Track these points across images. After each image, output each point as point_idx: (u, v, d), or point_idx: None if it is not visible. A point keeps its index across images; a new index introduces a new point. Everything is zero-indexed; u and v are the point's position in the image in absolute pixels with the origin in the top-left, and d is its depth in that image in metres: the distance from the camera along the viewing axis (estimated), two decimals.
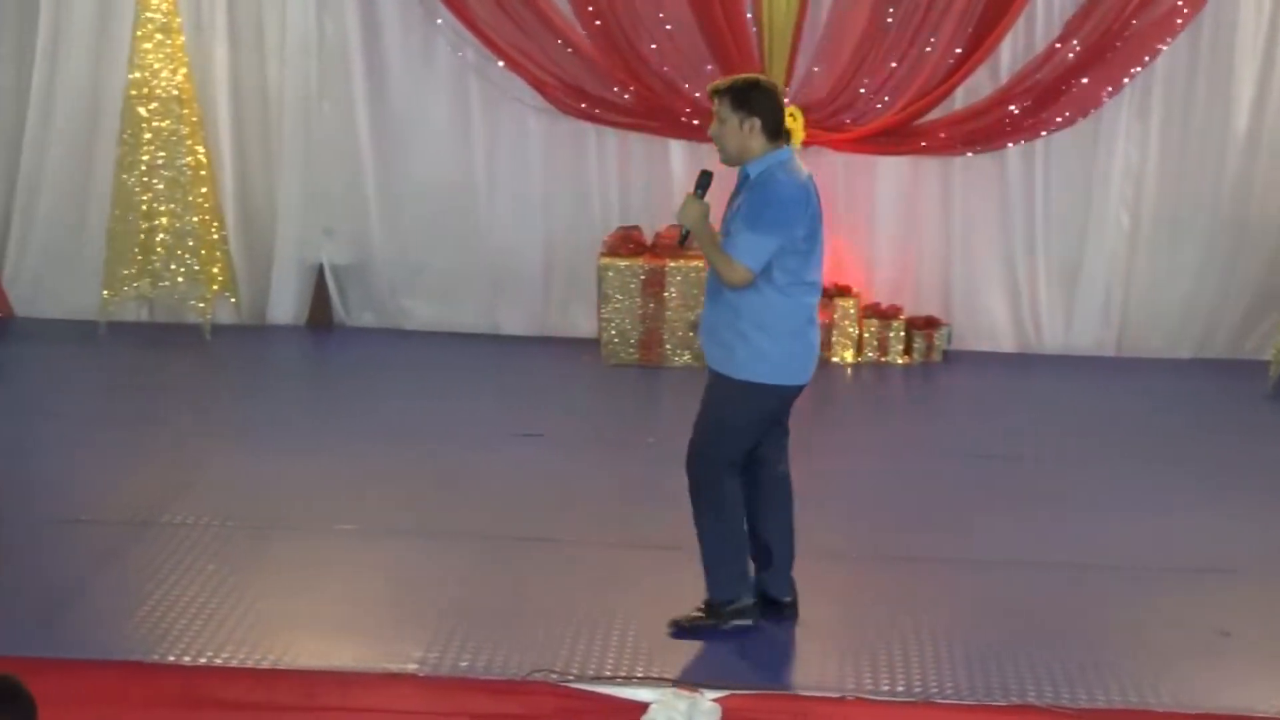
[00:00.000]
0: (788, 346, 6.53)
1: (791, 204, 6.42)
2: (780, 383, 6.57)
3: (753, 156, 6.51)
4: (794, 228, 6.42)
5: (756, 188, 6.46)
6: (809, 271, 6.52)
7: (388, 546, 7.42)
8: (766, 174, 6.47)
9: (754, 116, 6.49)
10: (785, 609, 6.84)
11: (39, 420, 8.90)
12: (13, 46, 10.81)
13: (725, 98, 6.51)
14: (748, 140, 6.50)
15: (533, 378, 10.11)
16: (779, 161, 6.50)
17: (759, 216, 6.40)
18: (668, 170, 10.71)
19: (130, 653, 6.39)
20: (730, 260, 6.42)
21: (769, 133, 6.50)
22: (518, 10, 10.45)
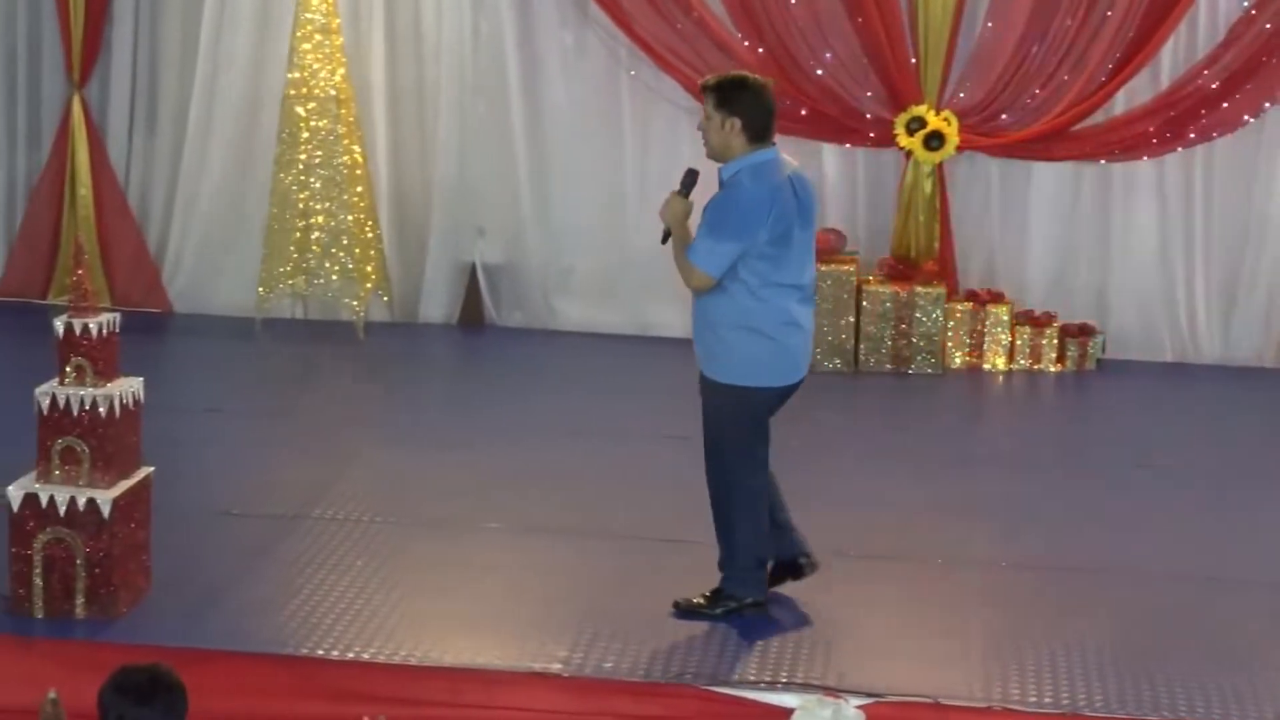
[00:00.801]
0: (763, 348, 6.55)
1: (751, 210, 6.41)
2: (759, 385, 6.60)
3: (733, 156, 6.52)
4: (754, 233, 6.41)
5: (722, 192, 6.49)
6: (782, 273, 6.50)
7: (534, 545, 7.45)
8: (734, 179, 6.49)
9: (735, 116, 6.50)
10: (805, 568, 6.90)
11: (195, 415, 9.03)
12: (176, 48, 10.98)
13: (711, 95, 6.54)
14: (729, 139, 6.52)
15: (681, 379, 10.04)
16: (753, 164, 6.49)
17: (719, 222, 6.43)
18: (820, 174, 10.65)
19: (280, 646, 6.47)
20: (690, 265, 6.48)
21: (751, 133, 6.50)
22: (671, 11, 10.44)
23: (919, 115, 10.32)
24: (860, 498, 8.20)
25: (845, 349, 10.24)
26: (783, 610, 6.88)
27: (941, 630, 6.78)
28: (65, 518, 6.57)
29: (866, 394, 9.97)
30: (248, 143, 10.90)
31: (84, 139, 10.90)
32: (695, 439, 8.92)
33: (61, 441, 6.59)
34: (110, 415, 6.59)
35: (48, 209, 11.04)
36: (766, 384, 6.62)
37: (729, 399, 6.64)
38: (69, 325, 6.62)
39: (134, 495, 6.75)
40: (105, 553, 6.59)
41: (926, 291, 10.23)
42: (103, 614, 6.61)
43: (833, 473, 8.58)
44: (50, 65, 10.99)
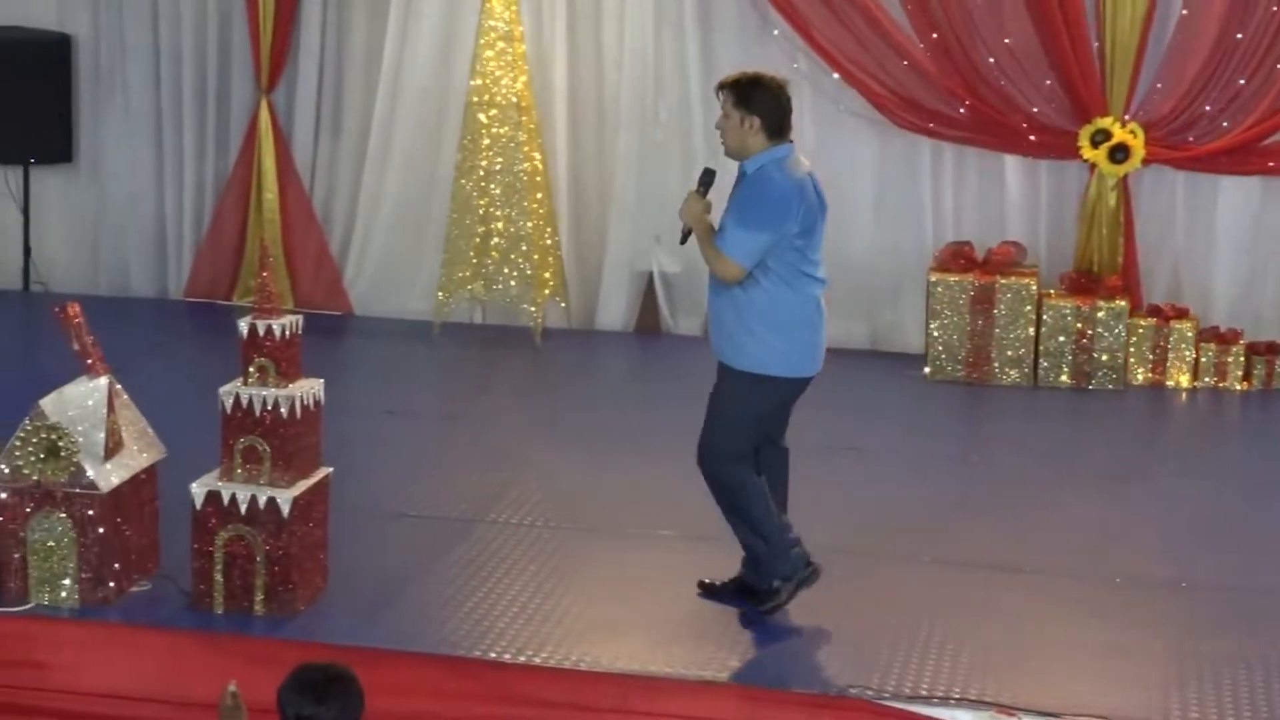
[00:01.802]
0: (794, 338, 6.60)
1: (783, 201, 6.50)
2: (788, 374, 6.65)
3: (752, 153, 6.58)
4: (785, 224, 6.50)
5: (749, 184, 6.55)
6: (809, 265, 6.58)
7: (706, 553, 7.43)
8: (761, 171, 6.55)
9: (754, 115, 6.56)
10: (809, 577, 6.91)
11: (373, 417, 9.14)
12: (360, 54, 11.12)
13: (729, 94, 6.59)
14: (747, 138, 6.58)
15: (856, 391, 10.03)
16: (775, 159, 6.57)
17: (750, 213, 6.49)
18: (1002, 186, 10.54)
19: (452, 648, 6.53)
20: (720, 255, 6.51)
21: (769, 131, 6.58)
22: (854, 22, 10.39)
23: (1104, 128, 10.17)
24: (1036, 513, 8.10)
25: (1024, 363, 10.12)
26: (955, 624, 6.81)
27: (1118, 650, 6.68)
28: (246, 516, 6.68)
29: (1045, 409, 9.84)
30: (430, 148, 11.02)
31: (270, 143, 11.08)
32: (868, 451, 8.92)
33: (244, 440, 6.71)
34: (291, 415, 6.69)
35: (234, 212, 11.24)
36: (796, 373, 6.72)
37: (756, 388, 6.69)
38: (253, 326, 6.73)
39: (313, 495, 6.85)
40: (284, 551, 6.69)
41: (1109, 306, 10.08)
42: (281, 611, 6.71)
43: (1009, 487, 8.49)
44: (239, 71, 11.18)
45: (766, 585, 6.82)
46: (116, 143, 11.43)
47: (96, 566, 6.73)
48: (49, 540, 6.72)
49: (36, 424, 6.66)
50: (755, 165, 6.61)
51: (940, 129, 10.45)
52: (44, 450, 6.64)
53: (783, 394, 6.76)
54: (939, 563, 7.46)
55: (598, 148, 11.01)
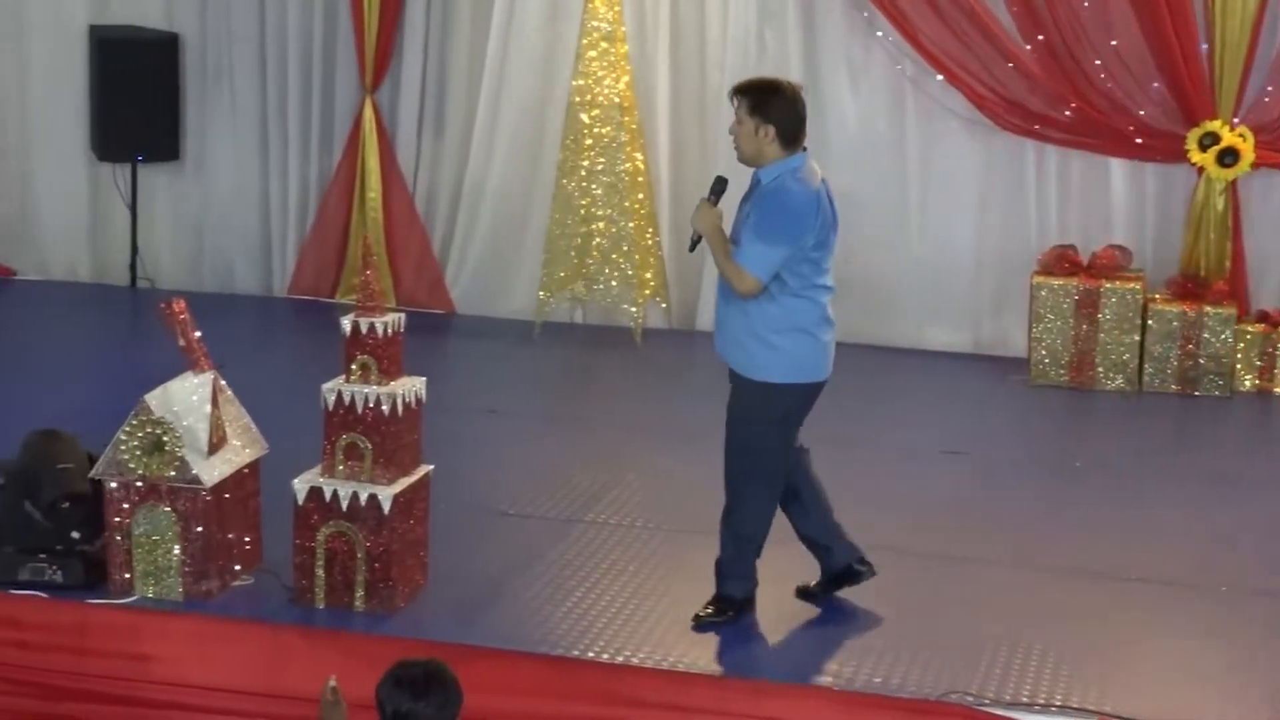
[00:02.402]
0: (803, 345, 6.60)
1: (801, 214, 6.46)
2: (798, 381, 6.62)
3: (767, 162, 6.53)
4: (803, 237, 6.47)
5: (767, 196, 6.49)
6: (821, 275, 6.61)
7: (808, 557, 7.39)
8: (777, 182, 6.49)
9: (769, 123, 6.48)
10: (861, 574, 6.91)
11: (474, 415, 9.17)
12: (464, 54, 11.17)
13: (745, 100, 6.53)
14: (762, 145, 6.51)
15: (958, 394, 9.98)
16: (791, 169, 6.50)
17: (768, 227, 6.44)
18: (1107, 189, 10.45)
19: (552, 646, 6.54)
20: (740, 270, 6.47)
21: (784, 140, 6.51)
22: (959, 24, 10.33)
23: (1212, 130, 10.06)
24: (1140, 519, 8.02)
25: (1129, 368, 10.02)
26: (1055, 631, 6.75)
27: (1223, 660, 6.60)
28: (347, 512, 6.72)
29: (1150, 415, 9.74)
30: (532, 148, 11.05)
31: (374, 142, 11.15)
32: (970, 455, 8.86)
33: (345, 437, 6.75)
34: (393, 413, 6.73)
35: (338, 210, 11.32)
36: (808, 379, 6.73)
37: (770, 398, 6.67)
38: (356, 324, 6.77)
39: (413, 492, 6.88)
40: (385, 548, 6.72)
41: (1216, 312, 9.96)
42: (381, 607, 6.75)
43: (1112, 493, 8.40)
44: (344, 70, 11.26)
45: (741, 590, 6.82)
46: (222, 141, 11.54)
47: (200, 560, 6.80)
48: (153, 534, 6.78)
49: (142, 419, 6.73)
50: (771, 176, 6.55)
51: (1046, 131, 10.37)
52: (149, 445, 6.71)
53: (791, 400, 6.73)
54: (1041, 568, 7.40)
55: (699, 148, 10.99)
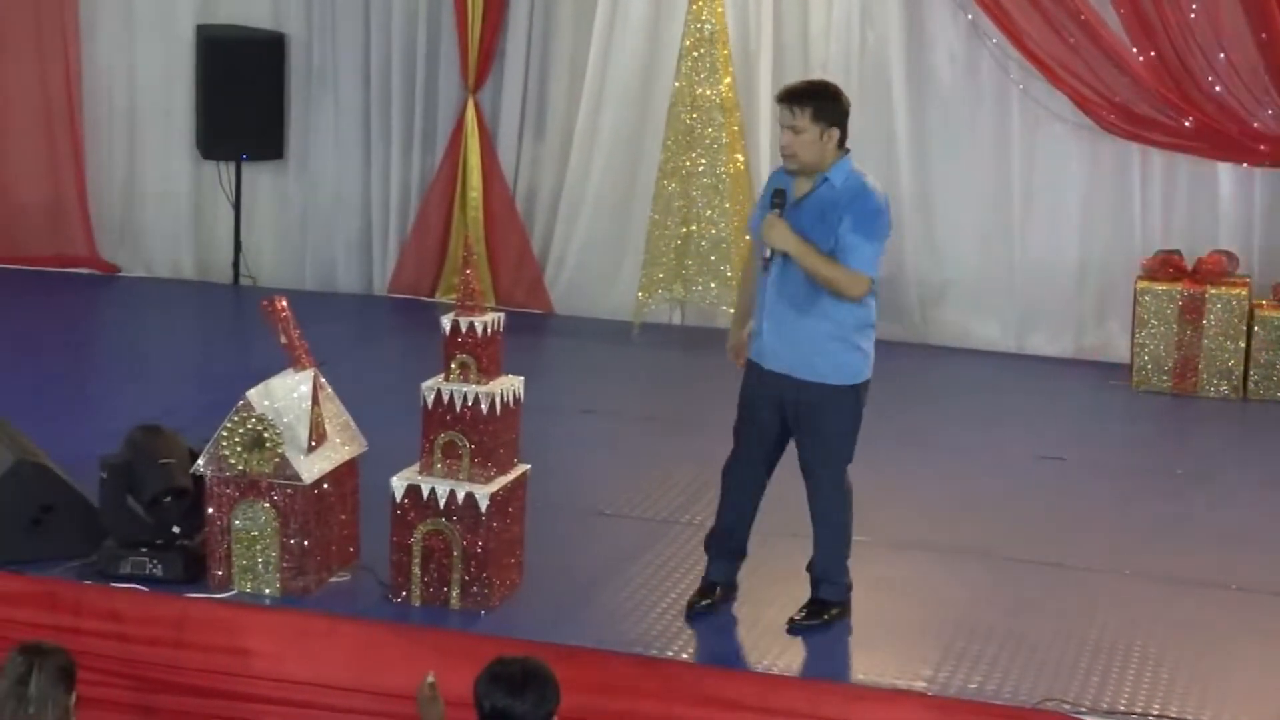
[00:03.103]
0: (872, 341, 6.75)
1: (887, 208, 6.57)
2: (870, 376, 6.73)
3: (828, 165, 6.53)
4: (889, 230, 6.57)
5: (858, 197, 6.49)
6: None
7: (903, 561, 7.38)
8: (855, 181, 6.53)
9: (833, 127, 6.49)
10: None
11: (571, 415, 9.19)
12: (566, 55, 11.20)
13: (808, 106, 6.48)
14: (826, 149, 6.51)
15: (1058, 399, 9.90)
16: (852, 168, 6.55)
17: (871, 225, 6.49)
18: (1215, 194, 10.33)
19: (647, 647, 6.54)
20: (854, 274, 6.48)
21: (843, 141, 6.56)
22: (1065, 26, 10.24)
23: None
24: (1244, 528, 7.93)
25: (1234, 375, 9.90)
26: (1155, 639, 6.68)
27: None
28: (445, 510, 6.75)
29: (1254, 423, 9.63)
30: (633, 149, 11.06)
31: (476, 142, 11.20)
32: (1072, 461, 8.78)
33: (444, 436, 6.77)
34: (491, 412, 6.75)
35: (439, 209, 11.37)
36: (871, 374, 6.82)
37: (861, 398, 6.76)
38: (455, 323, 6.80)
39: (510, 491, 6.90)
40: (481, 546, 6.74)
41: None
42: (476, 605, 6.77)
43: (1216, 501, 8.31)
44: (447, 70, 11.31)
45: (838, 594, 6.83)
46: (325, 140, 11.62)
47: (298, 556, 6.85)
48: (252, 529, 6.84)
49: (243, 415, 6.79)
50: (842, 175, 6.55)
51: (1151, 135, 10.27)
52: (250, 441, 6.76)
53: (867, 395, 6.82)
54: (1141, 576, 7.33)
55: None
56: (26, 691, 4.89)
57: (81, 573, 6.91)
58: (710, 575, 6.94)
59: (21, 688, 4.90)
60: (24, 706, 4.90)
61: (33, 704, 4.91)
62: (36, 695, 4.94)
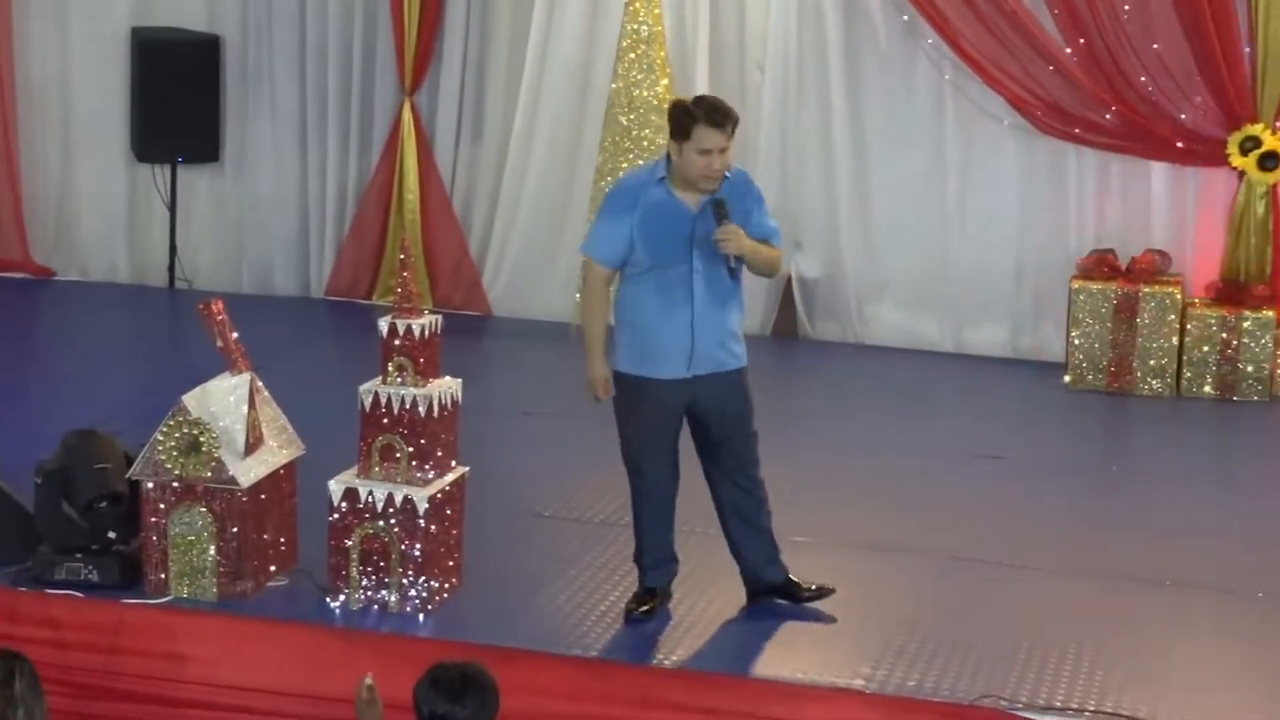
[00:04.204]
0: None
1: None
2: None
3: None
4: None
5: (749, 184, 6.87)
6: None
7: (842, 560, 7.40)
8: (737, 172, 6.87)
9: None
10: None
11: (511, 417, 9.18)
12: (503, 57, 11.18)
13: (731, 127, 6.67)
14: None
15: (995, 398, 9.95)
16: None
17: (764, 203, 6.91)
18: (1148, 193, 10.40)
19: (588, 649, 6.54)
20: (780, 251, 6.94)
21: None
22: (999, 26, 10.30)
23: (1254, 134, 10.01)
24: (1178, 525, 7.99)
25: (1167, 373, 9.97)
26: (1091, 635, 6.73)
27: (1258, 665, 6.57)
28: (382, 513, 6.73)
29: (1188, 420, 9.70)
30: (570, 151, 11.05)
31: (413, 145, 11.17)
32: (1008, 459, 8.83)
33: (382, 439, 6.76)
34: (429, 414, 6.74)
35: (376, 211, 11.34)
36: None
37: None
38: (393, 325, 6.79)
39: (449, 494, 6.89)
40: (420, 548, 6.73)
41: (1256, 316, 9.92)
42: (415, 608, 6.76)
43: (1151, 499, 8.37)
44: (383, 73, 11.28)
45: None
46: (261, 142, 11.57)
47: (235, 560, 6.82)
48: (189, 534, 6.80)
49: (179, 419, 6.75)
50: (736, 170, 6.86)
51: (1086, 135, 10.34)
52: (186, 445, 6.73)
53: None
54: (1076, 573, 7.38)
55: (739, 151, 10.88)
56: (13, 693, 4.85)
57: (17, 579, 6.87)
58: (648, 582, 6.93)
59: (8, 689, 4.86)
60: (12, 708, 4.87)
61: (20, 706, 4.88)
62: (22, 697, 4.90)
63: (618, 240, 6.65)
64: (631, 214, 6.65)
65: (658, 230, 6.63)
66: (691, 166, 6.61)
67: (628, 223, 6.64)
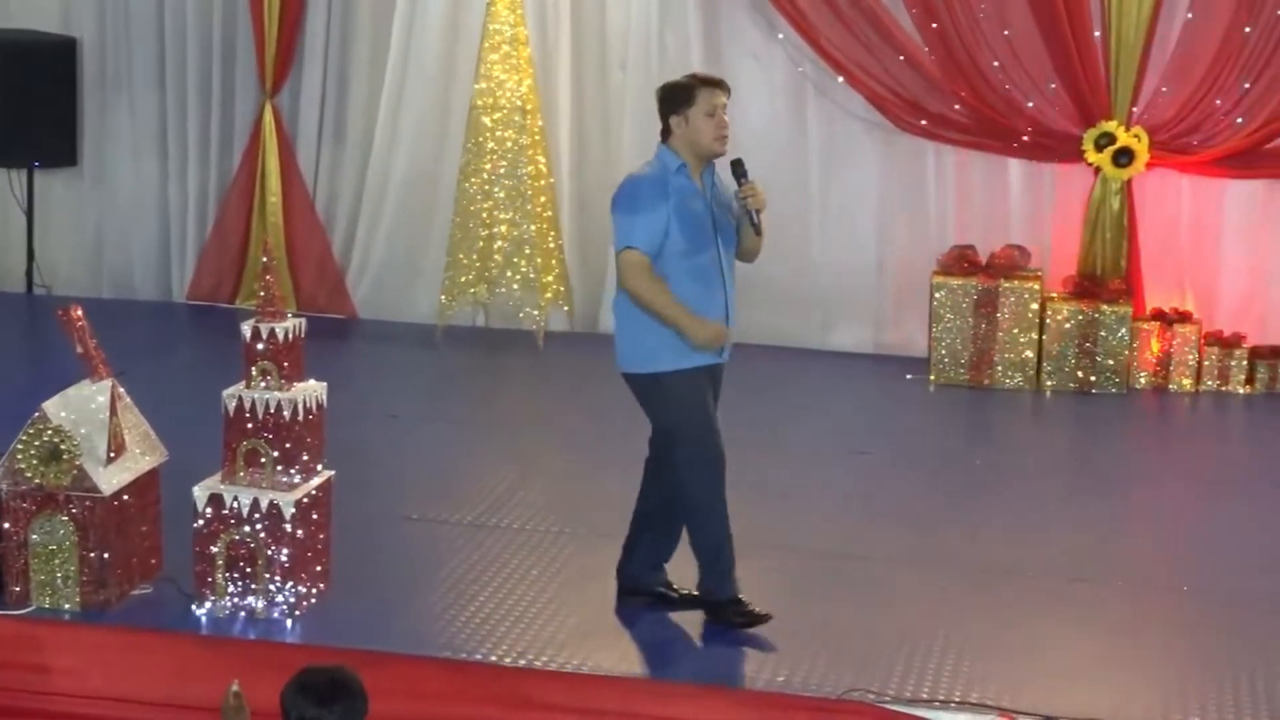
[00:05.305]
0: None
1: None
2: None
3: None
4: None
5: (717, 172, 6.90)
6: None
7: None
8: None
9: None
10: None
11: (376, 420, 9.14)
12: (365, 58, 11.13)
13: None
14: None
15: (860, 394, 10.04)
16: None
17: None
18: (1006, 189, 10.54)
19: (457, 651, 6.53)
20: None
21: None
22: (859, 26, 10.40)
23: (1108, 131, 10.17)
24: (1039, 516, 8.10)
25: (1027, 367, 10.11)
26: (956, 628, 6.81)
27: (1119, 653, 6.68)
28: (248, 518, 6.68)
29: (1048, 413, 9.84)
30: (434, 152, 11.02)
31: (274, 147, 11.09)
32: (871, 455, 8.92)
33: (246, 444, 6.71)
34: (294, 418, 6.70)
35: (238, 215, 11.25)
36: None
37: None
38: (256, 329, 6.74)
39: (315, 498, 6.85)
40: (287, 554, 6.69)
41: (1113, 310, 10.08)
42: (283, 614, 6.71)
43: (1012, 490, 8.49)
44: (244, 75, 11.19)
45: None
46: (121, 145, 11.44)
47: (98, 569, 6.74)
48: (51, 543, 6.72)
49: (39, 427, 6.67)
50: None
51: (944, 132, 10.45)
52: (46, 453, 6.65)
53: None
54: (942, 566, 7.46)
55: (602, 150, 11.00)
56: None
57: None
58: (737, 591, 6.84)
59: None
60: None
61: None
62: None
63: (657, 232, 6.61)
64: (666, 204, 6.63)
65: (690, 217, 6.67)
66: (702, 132, 6.69)
67: (665, 212, 6.61)
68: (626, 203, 6.67)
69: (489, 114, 10.43)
